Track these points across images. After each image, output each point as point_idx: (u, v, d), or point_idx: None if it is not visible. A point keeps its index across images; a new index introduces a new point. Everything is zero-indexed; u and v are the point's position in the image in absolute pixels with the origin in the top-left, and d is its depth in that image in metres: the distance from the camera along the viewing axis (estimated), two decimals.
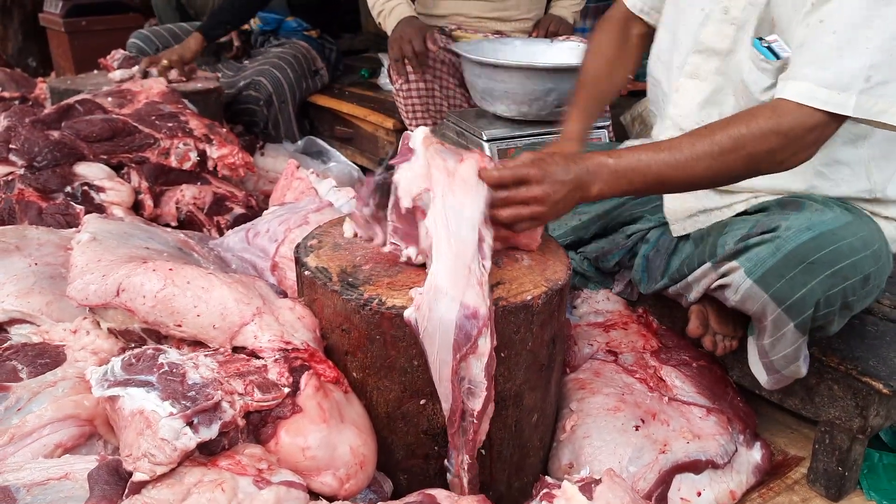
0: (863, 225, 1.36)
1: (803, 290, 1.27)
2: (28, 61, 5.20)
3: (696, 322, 1.50)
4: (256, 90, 3.25)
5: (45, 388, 1.32)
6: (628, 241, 1.74)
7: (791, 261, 1.28)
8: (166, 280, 1.33)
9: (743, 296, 1.33)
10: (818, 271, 1.27)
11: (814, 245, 1.28)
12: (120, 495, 1.04)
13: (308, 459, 1.19)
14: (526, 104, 2.42)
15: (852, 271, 1.28)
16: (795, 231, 1.30)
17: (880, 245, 1.35)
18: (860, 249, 1.30)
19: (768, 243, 1.31)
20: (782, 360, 1.39)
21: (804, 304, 1.28)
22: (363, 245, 1.48)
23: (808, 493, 1.48)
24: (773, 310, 1.31)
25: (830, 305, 1.30)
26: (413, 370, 1.31)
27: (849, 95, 1.20)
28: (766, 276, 1.30)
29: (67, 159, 2.27)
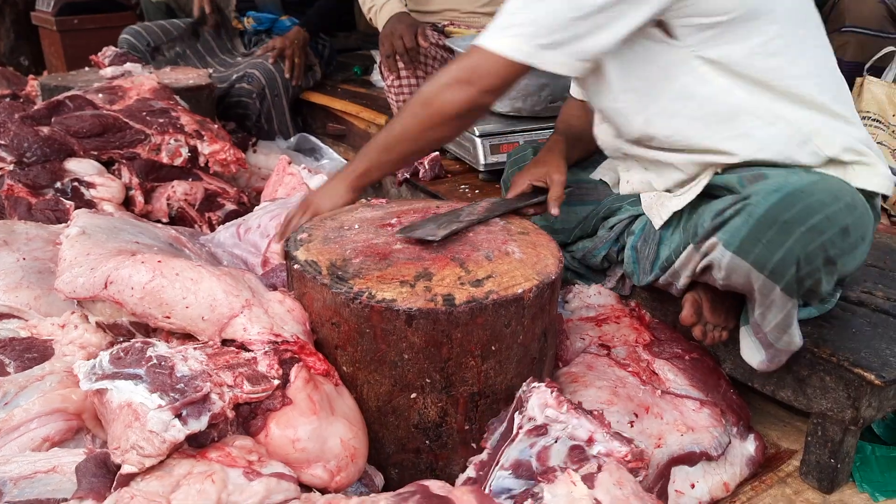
0: (830, 181, 1.36)
1: (782, 251, 1.26)
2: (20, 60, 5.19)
3: (689, 310, 1.49)
4: (249, 83, 3.24)
5: (32, 383, 1.31)
6: (611, 232, 1.74)
7: (764, 224, 1.27)
8: (155, 272, 1.32)
9: (727, 270, 1.32)
10: (793, 229, 1.26)
11: (784, 204, 1.27)
12: (108, 488, 1.03)
13: (298, 451, 1.18)
14: (519, 100, 2.42)
15: (827, 224, 1.26)
16: (763, 195, 1.29)
17: (853, 197, 1.33)
18: (830, 203, 1.28)
19: (741, 213, 1.30)
20: (775, 331, 1.37)
21: (785, 265, 1.26)
22: (353, 239, 1.47)
23: (801, 486, 1.47)
24: (758, 277, 1.29)
25: (812, 262, 1.27)
26: (403, 364, 1.30)
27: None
28: (743, 244, 1.28)
29: (57, 155, 2.26)
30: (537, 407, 1.26)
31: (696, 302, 1.49)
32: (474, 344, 1.30)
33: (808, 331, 1.48)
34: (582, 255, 1.81)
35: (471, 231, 1.50)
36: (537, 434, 1.25)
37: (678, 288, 1.51)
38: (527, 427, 1.25)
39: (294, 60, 3.37)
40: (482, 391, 1.35)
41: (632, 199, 1.74)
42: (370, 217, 1.58)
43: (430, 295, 1.28)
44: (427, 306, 1.26)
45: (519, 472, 1.24)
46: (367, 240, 1.46)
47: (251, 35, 3.69)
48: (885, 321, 1.52)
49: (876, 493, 1.44)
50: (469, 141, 2.47)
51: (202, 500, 0.99)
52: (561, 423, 1.25)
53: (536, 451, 1.24)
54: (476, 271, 1.35)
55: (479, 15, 3.02)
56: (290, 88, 3.39)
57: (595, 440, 1.23)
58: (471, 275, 1.34)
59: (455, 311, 1.26)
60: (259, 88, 3.25)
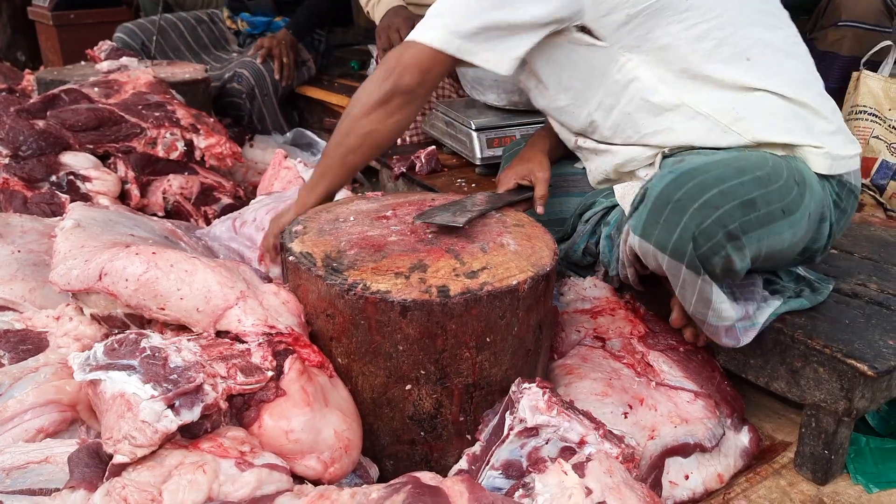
0: (744, 158, 1.38)
1: (678, 230, 1.27)
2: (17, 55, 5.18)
3: (678, 313, 1.50)
4: (239, 83, 3.23)
5: (27, 374, 1.31)
6: (587, 225, 1.75)
7: (659, 205, 1.29)
8: (149, 263, 1.32)
9: (642, 255, 1.35)
10: (685, 208, 1.27)
11: (675, 184, 1.29)
12: (100, 478, 1.03)
13: (292, 443, 1.18)
14: (516, 93, 2.41)
15: (721, 199, 1.27)
16: (658, 178, 1.32)
17: (774, 171, 1.34)
18: (731, 177, 1.30)
19: (644, 198, 1.33)
20: (700, 308, 1.37)
21: (683, 242, 1.27)
22: (348, 231, 1.47)
23: (795, 478, 1.47)
24: (662, 258, 1.30)
25: (710, 238, 1.27)
26: (398, 355, 1.30)
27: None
28: (645, 227, 1.31)
29: (53, 149, 2.26)
30: (528, 409, 1.26)
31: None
32: (469, 335, 1.30)
33: (802, 322, 1.48)
34: (565, 252, 1.82)
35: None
36: (528, 435, 1.26)
37: (632, 280, 1.54)
38: (518, 428, 1.26)
39: (282, 60, 3.35)
40: (477, 383, 1.35)
41: (606, 191, 1.75)
42: (365, 209, 1.58)
43: (424, 286, 1.28)
44: (422, 298, 1.26)
45: (509, 473, 1.24)
46: (362, 232, 1.46)
47: (245, 37, 3.68)
48: (878, 313, 1.52)
49: (870, 484, 1.44)
50: (465, 135, 2.46)
51: (193, 490, 0.99)
52: (552, 427, 1.25)
53: (527, 452, 1.25)
54: (471, 263, 1.35)
55: None
56: (279, 88, 3.38)
57: (587, 442, 1.23)
58: (466, 266, 1.34)
59: (450, 302, 1.26)
60: (248, 89, 3.24)
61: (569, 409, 1.28)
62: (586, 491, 1.08)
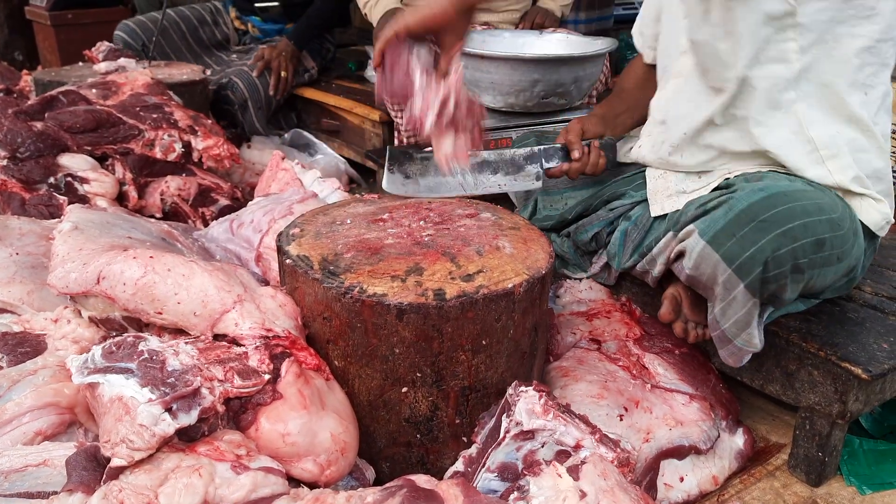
0: (823, 195, 1.37)
1: (753, 249, 1.26)
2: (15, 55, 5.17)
3: (668, 307, 1.49)
4: (233, 92, 3.23)
5: (25, 377, 1.31)
6: (610, 214, 1.75)
7: (742, 219, 1.28)
8: (147, 267, 1.32)
9: (697, 259, 1.32)
10: (768, 229, 1.26)
11: (765, 204, 1.28)
12: (98, 481, 1.04)
13: (288, 445, 1.19)
14: (512, 95, 2.42)
15: (803, 232, 1.28)
16: (748, 191, 1.31)
17: (842, 216, 1.35)
18: (814, 212, 1.30)
19: (723, 205, 1.31)
20: (734, 328, 1.37)
21: (753, 263, 1.27)
22: (345, 234, 1.48)
23: (789, 479, 1.48)
24: (724, 270, 1.29)
25: (780, 266, 1.28)
26: (394, 358, 1.31)
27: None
28: (717, 235, 1.29)
29: (51, 150, 2.26)
30: (524, 412, 1.26)
31: (676, 299, 1.49)
32: (465, 338, 1.31)
33: (797, 325, 1.49)
34: (574, 228, 1.82)
35: (462, 226, 1.51)
36: (524, 438, 1.26)
37: (653, 276, 1.53)
38: (514, 431, 1.26)
39: (279, 74, 3.31)
40: (473, 385, 1.36)
41: (636, 183, 1.75)
42: (362, 212, 1.58)
43: (420, 289, 1.29)
44: (418, 301, 1.27)
45: (505, 476, 1.25)
46: (359, 235, 1.47)
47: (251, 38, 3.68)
48: (873, 316, 1.53)
49: (863, 486, 1.45)
50: None
51: (189, 493, 1.00)
52: (548, 431, 1.26)
53: (522, 455, 1.26)
54: (467, 266, 1.36)
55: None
56: (272, 102, 3.36)
57: (582, 446, 1.24)
58: (461, 269, 1.35)
59: (445, 305, 1.27)
60: (241, 100, 3.23)
61: (565, 413, 1.29)
62: (580, 494, 1.09)
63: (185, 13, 3.56)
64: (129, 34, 3.39)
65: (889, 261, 1.76)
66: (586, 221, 1.80)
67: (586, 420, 1.30)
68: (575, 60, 2.37)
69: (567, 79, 2.39)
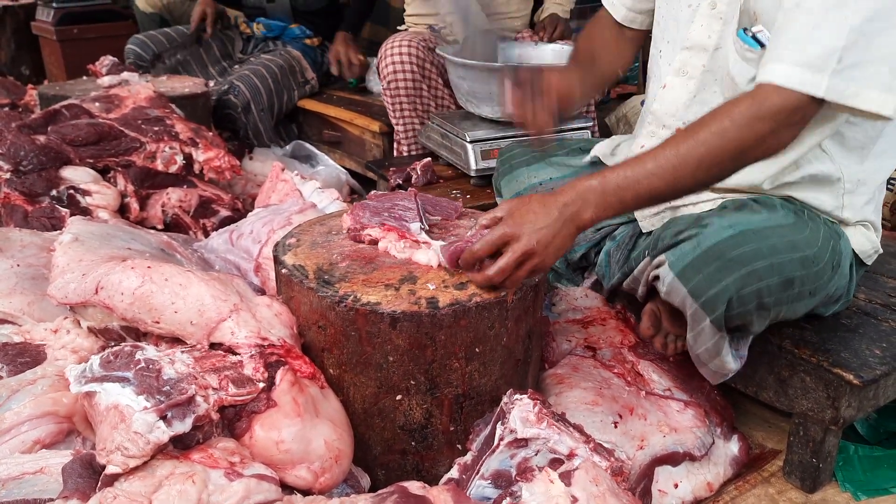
0: (801, 229, 1.36)
1: (717, 287, 1.27)
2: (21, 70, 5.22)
3: (646, 322, 1.51)
4: (235, 96, 3.26)
5: (24, 386, 1.33)
6: (596, 234, 1.76)
7: (709, 256, 1.28)
8: (144, 277, 1.34)
9: (668, 288, 1.33)
10: (733, 269, 1.26)
11: (731, 243, 1.28)
12: (93, 488, 1.05)
13: (282, 453, 1.20)
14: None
15: (769, 272, 1.28)
16: (717, 228, 1.30)
17: (818, 252, 1.34)
18: (784, 251, 1.29)
19: (693, 238, 1.31)
20: (705, 354, 1.39)
21: (717, 301, 1.27)
22: (340, 243, 1.49)
23: (784, 486, 1.49)
24: (691, 304, 1.30)
25: (744, 304, 1.29)
26: (388, 366, 1.32)
27: (822, 77, 1.18)
28: (685, 270, 1.29)
29: (53, 163, 2.29)
30: (519, 420, 1.27)
31: (655, 314, 1.50)
32: (458, 346, 1.32)
33: (790, 332, 1.50)
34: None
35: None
36: (518, 446, 1.27)
37: (640, 295, 1.53)
38: (508, 439, 1.27)
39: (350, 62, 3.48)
40: (467, 393, 1.37)
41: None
42: None
43: (414, 298, 1.30)
44: (411, 309, 1.28)
45: (499, 483, 1.26)
46: (354, 245, 1.49)
47: (258, 41, 3.71)
48: (866, 322, 1.54)
49: (858, 492, 1.45)
50: (460, 147, 2.49)
51: (182, 500, 1.01)
52: (542, 439, 1.27)
53: (516, 463, 1.26)
54: (460, 274, 1.37)
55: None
56: (275, 104, 3.41)
57: (576, 454, 1.25)
58: (455, 278, 1.36)
59: (438, 313, 1.28)
60: (244, 103, 3.26)
61: (559, 422, 1.30)
62: (572, 499, 1.10)
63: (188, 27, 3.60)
64: (140, 46, 3.43)
65: (884, 267, 1.77)
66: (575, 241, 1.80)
67: (581, 429, 1.31)
68: None
69: None
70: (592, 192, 1.29)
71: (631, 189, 1.27)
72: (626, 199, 1.29)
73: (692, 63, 1.51)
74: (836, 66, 1.18)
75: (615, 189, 1.28)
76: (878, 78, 1.19)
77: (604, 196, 1.28)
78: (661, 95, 1.58)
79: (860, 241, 1.49)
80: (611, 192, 1.28)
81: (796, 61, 1.20)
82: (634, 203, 1.31)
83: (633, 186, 1.27)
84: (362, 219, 1.50)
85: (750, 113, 1.23)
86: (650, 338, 1.53)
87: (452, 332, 1.30)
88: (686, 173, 1.26)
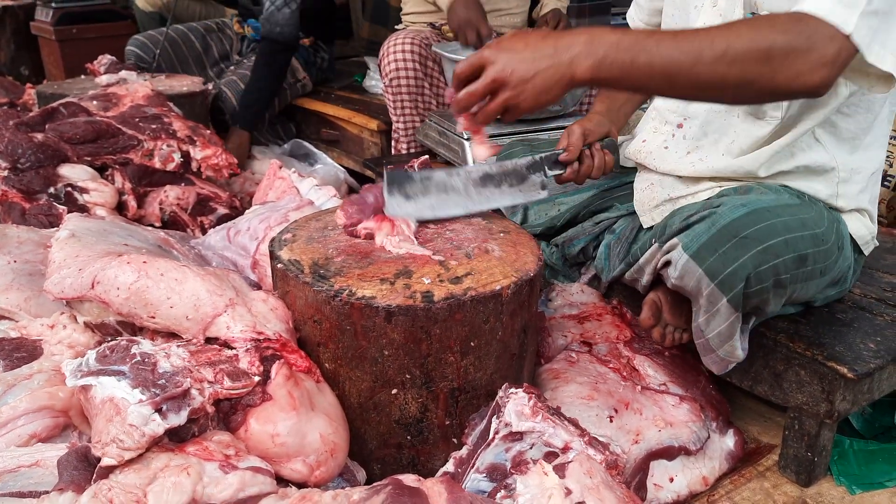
0: (808, 209, 1.38)
1: (734, 265, 1.27)
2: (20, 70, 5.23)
3: (647, 312, 1.50)
4: (223, 102, 3.27)
5: (20, 381, 1.33)
6: (595, 227, 1.76)
7: (724, 235, 1.28)
8: (140, 272, 1.35)
9: (681, 271, 1.33)
10: (749, 246, 1.27)
11: (747, 220, 1.29)
12: (88, 480, 1.06)
13: (277, 446, 1.20)
14: None
15: (784, 248, 1.29)
16: (730, 207, 1.31)
17: (826, 231, 1.36)
18: (796, 228, 1.31)
19: (706, 220, 1.32)
20: (717, 339, 1.38)
21: (735, 279, 1.28)
22: (336, 238, 1.50)
23: (779, 480, 1.49)
24: (707, 284, 1.30)
25: (762, 281, 1.29)
26: (384, 360, 1.32)
27: (852, 13, 1.14)
28: (700, 250, 1.30)
29: (51, 161, 2.29)
30: (514, 414, 1.28)
31: (656, 304, 1.50)
32: (453, 340, 1.32)
33: (784, 326, 1.50)
34: (562, 242, 1.83)
35: (452, 230, 1.53)
36: (513, 440, 1.27)
37: (642, 285, 1.53)
38: (503, 433, 1.28)
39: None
40: (462, 387, 1.37)
41: (622, 195, 1.76)
42: None
43: (409, 292, 1.30)
44: (406, 303, 1.28)
45: (494, 476, 1.26)
46: (350, 239, 1.49)
47: (250, 42, 3.72)
48: (861, 317, 1.54)
49: (853, 486, 1.46)
50: (458, 144, 2.49)
51: (177, 492, 1.02)
52: (537, 432, 1.27)
53: (511, 456, 1.27)
54: (455, 269, 1.38)
55: None
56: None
57: (571, 448, 1.25)
58: (450, 272, 1.37)
59: (433, 307, 1.28)
60: (231, 110, 3.26)
61: (554, 416, 1.30)
62: (566, 491, 1.10)
63: (193, 26, 3.61)
64: (141, 48, 3.42)
65: (878, 262, 1.77)
66: (573, 235, 1.81)
67: (576, 423, 1.31)
68: None
69: None
70: (604, 40, 1.18)
71: (647, 52, 1.16)
72: (639, 63, 1.17)
73: None
74: (865, 7, 1.14)
75: (631, 45, 1.17)
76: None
77: (616, 49, 1.17)
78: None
79: (857, 226, 1.51)
80: (626, 47, 1.17)
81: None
82: (646, 70, 1.17)
83: (652, 49, 1.16)
84: (354, 213, 1.50)
85: (790, 22, 1.16)
86: (650, 328, 1.53)
87: (447, 326, 1.30)
88: (709, 57, 1.15)
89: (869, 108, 1.42)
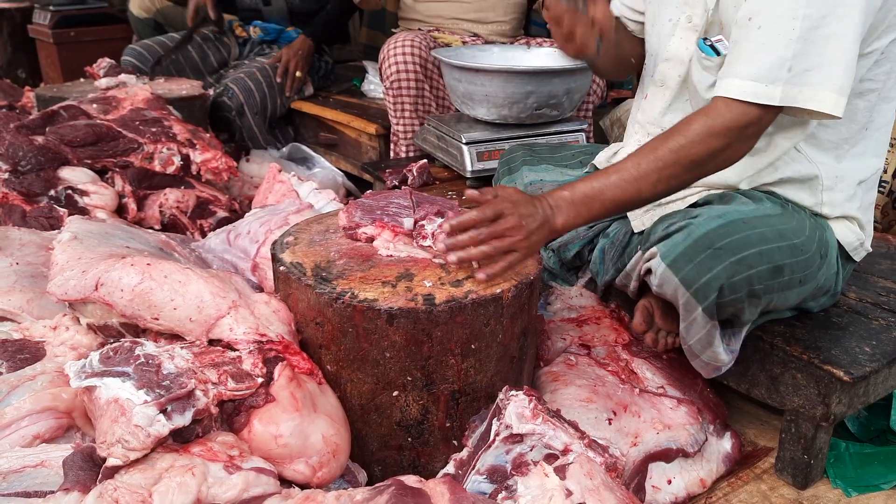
0: (789, 218, 1.40)
1: (708, 275, 1.29)
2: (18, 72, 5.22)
3: (639, 318, 1.53)
4: (229, 98, 3.27)
5: (24, 382, 1.34)
6: (590, 231, 1.78)
7: (699, 246, 1.31)
8: (144, 274, 1.36)
9: (659, 280, 1.36)
10: (723, 257, 1.29)
11: (721, 231, 1.31)
12: (94, 480, 1.07)
13: (280, 447, 1.21)
14: (506, 107, 2.46)
15: (758, 259, 1.31)
16: (707, 218, 1.34)
17: (806, 241, 1.38)
18: (773, 240, 1.33)
19: (683, 229, 1.34)
20: (698, 345, 1.41)
21: (709, 289, 1.30)
22: (338, 241, 1.51)
23: (776, 482, 1.51)
24: (683, 293, 1.33)
25: (735, 292, 1.31)
26: (385, 362, 1.34)
27: (775, 87, 1.25)
28: (676, 260, 1.32)
29: (51, 164, 2.30)
30: (514, 416, 1.29)
31: (647, 309, 1.53)
32: (454, 342, 1.33)
33: (781, 330, 1.52)
34: (558, 246, 1.85)
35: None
36: (513, 442, 1.29)
37: (631, 290, 1.55)
38: (503, 434, 1.29)
39: (294, 74, 3.43)
40: (463, 389, 1.38)
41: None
42: None
43: (410, 295, 1.32)
44: (408, 305, 1.30)
45: (494, 478, 1.27)
46: (352, 242, 1.50)
47: (255, 44, 3.72)
48: (856, 321, 1.56)
49: (849, 488, 1.47)
50: (456, 148, 2.51)
51: (182, 492, 1.03)
52: (537, 435, 1.28)
53: (512, 458, 1.28)
54: (456, 272, 1.39)
55: (464, 21, 3.08)
56: (268, 107, 3.40)
57: (571, 450, 1.26)
58: (451, 275, 1.38)
59: (435, 310, 1.30)
60: (237, 105, 3.26)
61: (554, 418, 1.32)
62: (566, 492, 1.11)
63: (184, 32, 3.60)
64: (137, 58, 3.40)
65: (874, 267, 1.79)
66: (569, 239, 1.83)
67: (575, 425, 1.33)
68: (567, 72, 2.42)
69: (559, 90, 2.43)
70: (563, 200, 1.38)
71: (597, 199, 1.37)
72: (594, 208, 1.38)
73: (670, 74, 1.57)
74: (787, 76, 1.24)
75: (582, 199, 1.37)
76: (832, 81, 1.24)
77: (573, 205, 1.37)
78: (643, 105, 1.66)
79: (844, 233, 1.52)
80: (578, 201, 1.37)
81: (749, 75, 1.27)
82: (601, 211, 1.39)
83: (599, 196, 1.37)
84: (356, 217, 1.51)
85: (703, 130, 1.30)
86: (643, 333, 1.55)
87: (448, 328, 1.32)
88: (646, 185, 1.35)
89: (851, 117, 1.44)
